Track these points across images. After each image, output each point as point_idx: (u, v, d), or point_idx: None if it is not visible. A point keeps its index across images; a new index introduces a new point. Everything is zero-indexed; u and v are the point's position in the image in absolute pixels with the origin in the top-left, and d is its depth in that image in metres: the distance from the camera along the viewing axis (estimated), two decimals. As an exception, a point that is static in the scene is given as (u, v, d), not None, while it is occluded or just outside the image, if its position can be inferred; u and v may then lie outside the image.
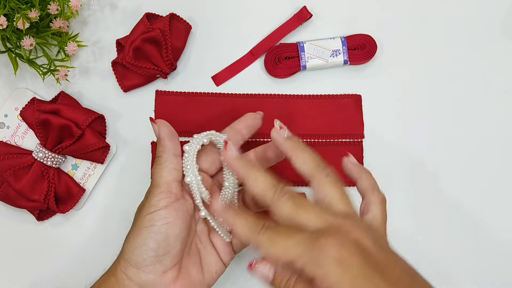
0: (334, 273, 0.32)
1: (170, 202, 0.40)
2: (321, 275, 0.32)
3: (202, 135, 0.43)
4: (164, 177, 0.41)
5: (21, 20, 0.46)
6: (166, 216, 0.40)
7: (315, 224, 0.35)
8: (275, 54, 0.53)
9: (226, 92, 0.54)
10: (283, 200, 0.37)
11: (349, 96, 0.54)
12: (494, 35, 0.56)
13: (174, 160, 0.42)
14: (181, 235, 0.40)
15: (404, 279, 0.34)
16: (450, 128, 0.54)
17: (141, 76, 0.53)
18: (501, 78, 0.55)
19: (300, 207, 0.36)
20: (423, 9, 0.56)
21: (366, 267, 0.32)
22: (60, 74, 0.49)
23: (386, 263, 0.34)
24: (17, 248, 0.52)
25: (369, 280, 0.32)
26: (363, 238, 0.34)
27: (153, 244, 0.39)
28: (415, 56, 0.55)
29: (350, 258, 0.32)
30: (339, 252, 0.32)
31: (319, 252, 0.33)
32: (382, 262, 0.33)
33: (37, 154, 0.50)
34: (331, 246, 0.33)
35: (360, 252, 0.33)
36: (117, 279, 0.40)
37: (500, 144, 0.54)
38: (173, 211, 0.40)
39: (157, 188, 0.40)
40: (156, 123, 0.42)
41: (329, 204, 0.37)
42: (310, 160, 0.39)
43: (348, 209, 0.37)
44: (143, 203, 0.41)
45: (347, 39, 0.54)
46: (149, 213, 0.40)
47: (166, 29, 0.51)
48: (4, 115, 0.52)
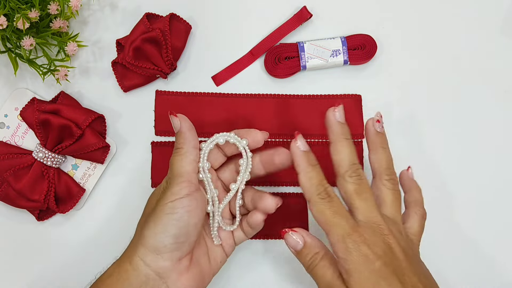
0: (356, 262, 0.37)
1: (191, 191, 0.41)
2: (344, 259, 0.38)
3: (219, 136, 0.44)
4: (185, 167, 0.42)
5: (21, 20, 0.46)
6: (188, 204, 0.41)
7: (363, 215, 0.39)
8: (275, 54, 0.53)
9: (226, 92, 0.54)
10: (354, 179, 0.40)
11: (349, 96, 0.54)
12: (494, 35, 0.56)
13: (194, 152, 0.43)
14: (198, 224, 0.42)
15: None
16: (450, 128, 0.54)
17: (141, 76, 0.53)
18: (501, 78, 0.55)
19: (362, 194, 0.40)
20: (423, 9, 0.56)
21: (386, 268, 0.37)
22: (60, 74, 0.49)
23: (407, 270, 0.38)
24: (17, 248, 0.52)
25: (384, 279, 0.37)
26: (395, 243, 0.39)
27: (175, 230, 0.40)
28: (415, 56, 0.55)
29: (375, 256, 0.37)
30: (369, 248, 0.38)
31: (353, 241, 0.38)
32: (403, 268, 0.38)
33: (37, 154, 0.50)
34: (364, 241, 0.38)
35: (386, 255, 0.38)
36: (133, 266, 0.40)
37: (500, 144, 0.54)
38: (194, 200, 0.41)
39: (179, 177, 0.41)
40: (177, 117, 0.44)
41: (382, 203, 0.42)
42: (385, 160, 0.44)
43: (395, 215, 0.42)
44: (162, 191, 0.42)
45: (347, 39, 0.54)
46: (171, 200, 0.40)
47: (166, 29, 0.51)
48: (4, 115, 0.52)
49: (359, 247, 0.38)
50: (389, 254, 0.38)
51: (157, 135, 0.53)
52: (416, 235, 0.43)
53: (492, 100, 0.55)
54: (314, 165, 0.41)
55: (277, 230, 0.52)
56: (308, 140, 0.53)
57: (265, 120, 0.54)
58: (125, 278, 0.40)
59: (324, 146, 0.53)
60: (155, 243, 0.40)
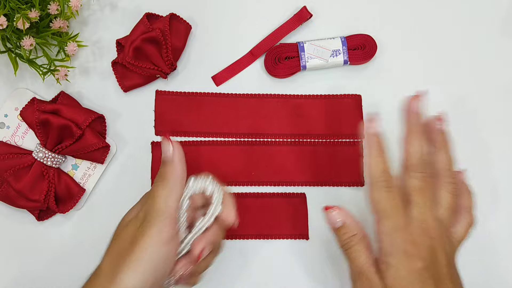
0: (399, 258, 0.38)
1: (173, 234, 0.39)
2: (388, 252, 0.38)
3: (199, 183, 0.42)
4: (170, 205, 0.40)
5: (21, 20, 0.46)
6: (169, 251, 0.39)
7: (419, 212, 0.40)
8: (275, 54, 0.53)
9: (226, 92, 0.54)
10: (420, 175, 0.41)
11: (349, 96, 0.54)
12: (494, 35, 0.56)
13: (181, 188, 0.41)
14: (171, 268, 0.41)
15: None
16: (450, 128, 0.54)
17: (141, 76, 0.53)
18: (501, 77, 0.55)
19: (425, 192, 0.41)
20: (423, 9, 0.56)
21: (425, 271, 0.38)
22: (60, 74, 0.49)
23: (445, 276, 0.39)
24: (17, 248, 0.52)
25: (421, 281, 0.38)
26: (440, 248, 0.39)
27: (153, 279, 0.38)
28: (415, 56, 0.55)
29: (419, 258, 0.38)
30: (415, 248, 0.38)
31: (401, 238, 0.39)
32: (442, 274, 0.39)
33: (37, 154, 0.50)
34: (412, 241, 0.38)
35: (429, 258, 0.38)
36: None
37: (500, 143, 0.54)
38: (174, 245, 0.40)
39: (162, 215, 0.39)
40: (172, 144, 0.41)
41: (437, 204, 0.41)
42: (448, 161, 0.43)
43: (447, 219, 0.41)
44: (139, 227, 0.39)
45: (347, 39, 0.54)
46: (152, 246, 0.38)
47: (166, 29, 0.51)
48: (4, 115, 0.52)
49: (405, 245, 0.38)
50: (432, 258, 0.39)
51: (157, 135, 0.53)
52: (459, 241, 0.43)
53: (492, 100, 0.55)
54: (384, 151, 0.42)
55: (276, 231, 0.52)
56: (308, 140, 0.53)
57: (265, 120, 0.54)
58: None
59: (325, 146, 0.53)
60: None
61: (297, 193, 0.53)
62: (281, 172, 0.53)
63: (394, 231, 0.39)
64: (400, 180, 0.42)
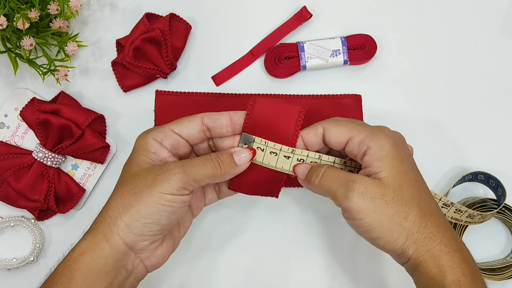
0: (386, 143, 0.40)
1: (190, 193, 0.41)
2: (377, 145, 0.40)
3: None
4: (203, 178, 0.41)
5: (21, 20, 0.46)
6: (186, 201, 0.40)
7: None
8: (275, 54, 0.53)
9: (226, 92, 0.54)
10: None
11: (349, 96, 0.54)
12: (494, 35, 0.56)
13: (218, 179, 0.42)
14: (185, 213, 0.43)
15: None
16: (450, 127, 0.54)
17: (141, 76, 0.53)
18: (501, 77, 0.55)
19: None
20: (423, 9, 0.56)
21: (404, 153, 0.41)
22: (60, 74, 0.49)
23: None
24: (17, 248, 0.52)
25: (402, 153, 0.41)
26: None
27: (165, 221, 0.40)
28: (415, 56, 0.55)
29: (398, 140, 0.42)
30: (392, 133, 0.42)
31: (380, 131, 0.41)
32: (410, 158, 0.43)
33: (37, 154, 0.50)
34: (388, 131, 0.42)
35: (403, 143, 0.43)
36: (111, 244, 0.39)
37: (500, 143, 0.54)
38: (190, 199, 0.41)
39: (193, 183, 0.40)
40: (252, 156, 0.43)
41: None
42: None
43: None
44: (160, 177, 0.39)
45: (347, 39, 0.54)
46: (171, 194, 0.39)
47: (166, 29, 0.51)
48: (4, 115, 0.52)
49: (385, 136, 0.41)
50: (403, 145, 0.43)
51: (157, 135, 0.53)
52: None
53: (492, 101, 0.55)
54: None
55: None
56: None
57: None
58: (101, 256, 0.39)
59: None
60: (142, 228, 0.39)
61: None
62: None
63: (371, 131, 0.41)
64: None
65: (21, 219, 0.51)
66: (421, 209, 0.39)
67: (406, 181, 0.40)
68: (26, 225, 0.51)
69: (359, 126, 0.42)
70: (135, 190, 0.40)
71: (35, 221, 0.51)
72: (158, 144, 0.42)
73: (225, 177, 0.42)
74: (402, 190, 0.39)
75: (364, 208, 0.39)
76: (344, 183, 0.40)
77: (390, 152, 0.40)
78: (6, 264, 0.51)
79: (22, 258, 0.51)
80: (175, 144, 0.42)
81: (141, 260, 0.41)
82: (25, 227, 0.51)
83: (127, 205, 0.39)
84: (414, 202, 0.39)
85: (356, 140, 0.41)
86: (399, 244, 0.39)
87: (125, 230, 0.39)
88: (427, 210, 0.40)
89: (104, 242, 0.39)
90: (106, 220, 0.40)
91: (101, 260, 0.39)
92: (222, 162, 0.41)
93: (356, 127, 0.42)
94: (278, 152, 0.43)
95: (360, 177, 0.40)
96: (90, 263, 0.39)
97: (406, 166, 0.41)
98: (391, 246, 0.39)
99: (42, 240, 0.51)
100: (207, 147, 0.45)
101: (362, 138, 0.41)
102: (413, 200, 0.39)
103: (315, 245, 0.53)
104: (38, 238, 0.51)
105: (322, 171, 0.42)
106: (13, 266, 0.51)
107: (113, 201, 0.40)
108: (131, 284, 0.41)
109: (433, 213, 0.40)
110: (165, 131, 0.42)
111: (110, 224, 0.39)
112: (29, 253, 0.51)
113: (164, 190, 0.39)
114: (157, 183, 0.39)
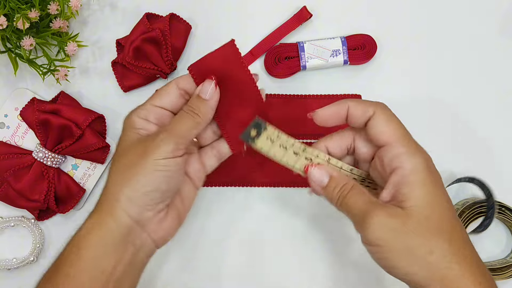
0: (420, 165, 0.37)
1: (183, 152, 0.41)
2: (411, 167, 0.37)
3: None
4: (192, 133, 0.41)
5: (21, 20, 0.46)
6: (181, 163, 0.40)
7: None
8: (275, 54, 0.53)
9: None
10: None
11: (349, 96, 0.54)
12: (493, 35, 0.56)
13: (204, 125, 0.42)
14: (183, 178, 0.43)
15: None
16: (451, 128, 0.54)
17: (141, 76, 0.53)
18: (501, 78, 0.55)
19: None
20: (422, 9, 0.56)
21: (436, 177, 0.38)
22: (60, 74, 0.49)
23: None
24: (17, 248, 0.52)
25: (434, 179, 0.38)
26: None
27: (165, 186, 0.40)
28: (415, 56, 0.55)
29: (431, 162, 0.39)
30: (426, 153, 0.39)
31: (418, 150, 0.38)
32: None
33: (37, 154, 0.50)
34: (424, 152, 0.39)
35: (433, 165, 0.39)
36: (115, 219, 0.39)
37: (500, 144, 0.54)
38: (185, 160, 0.41)
39: (181, 139, 0.40)
40: (215, 86, 0.42)
41: None
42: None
43: None
44: (154, 143, 0.40)
45: (347, 39, 0.54)
46: (165, 158, 0.39)
47: (166, 29, 0.51)
48: (4, 115, 0.52)
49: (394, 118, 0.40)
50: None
51: (157, 135, 0.53)
52: None
53: (492, 101, 0.55)
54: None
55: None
56: (308, 141, 0.53)
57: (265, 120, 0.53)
58: (107, 232, 0.39)
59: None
60: (143, 198, 0.39)
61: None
62: (280, 173, 0.53)
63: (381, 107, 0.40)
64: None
65: (21, 219, 0.51)
66: (452, 244, 0.36)
67: (436, 212, 0.37)
68: (26, 225, 0.51)
69: (402, 130, 0.39)
70: (130, 163, 0.40)
71: (35, 221, 0.51)
72: (143, 121, 0.42)
73: (207, 117, 0.42)
74: (429, 222, 0.36)
75: (382, 236, 0.36)
76: (365, 208, 0.37)
77: (423, 178, 0.37)
78: (6, 264, 0.51)
79: (22, 258, 0.51)
80: (160, 118, 0.43)
81: (148, 234, 0.41)
82: (25, 227, 0.51)
83: (125, 179, 0.40)
84: (445, 235, 0.36)
85: (391, 151, 0.38)
86: (421, 278, 0.36)
87: (127, 203, 0.39)
88: (461, 245, 0.36)
89: (109, 217, 0.39)
90: (108, 197, 0.40)
91: (107, 236, 0.39)
92: (194, 108, 0.41)
93: (400, 131, 0.39)
94: (288, 148, 0.42)
95: (382, 206, 0.37)
96: (97, 240, 0.39)
97: (437, 194, 0.37)
98: (411, 278, 0.36)
99: (42, 240, 0.51)
100: None
101: (400, 152, 0.38)
102: (443, 233, 0.36)
103: (315, 245, 0.53)
104: (38, 238, 0.51)
105: (348, 189, 0.39)
106: (13, 266, 0.51)
107: (111, 177, 0.41)
108: (141, 260, 0.41)
109: (467, 247, 0.37)
110: (147, 107, 0.42)
111: (112, 200, 0.40)
112: (29, 253, 0.51)
113: (158, 156, 0.39)
114: (149, 152, 0.39)
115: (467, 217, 0.51)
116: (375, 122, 0.39)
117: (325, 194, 0.41)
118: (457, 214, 0.51)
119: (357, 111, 0.40)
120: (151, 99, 0.43)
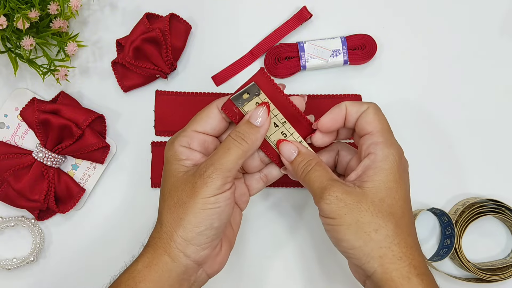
0: (392, 157, 0.40)
1: (232, 185, 0.41)
2: (382, 156, 0.40)
3: None
4: (237, 164, 0.40)
5: (21, 20, 0.46)
6: (230, 197, 0.40)
7: None
8: (275, 54, 0.53)
9: (226, 92, 0.54)
10: None
11: (349, 96, 0.54)
12: (494, 35, 0.56)
13: (251, 154, 0.41)
14: (233, 209, 0.42)
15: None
16: (451, 128, 0.54)
17: (141, 76, 0.53)
18: (501, 78, 0.55)
19: None
20: (422, 9, 0.56)
21: (403, 170, 0.41)
22: (60, 74, 0.49)
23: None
24: (17, 248, 0.52)
25: (400, 171, 0.40)
26: None
27: (217, 223, 0.40)
28: (415, 56, 0.55)
29: (403, 158, 0.41)
30: (401, 149, 0.41)
31: (393, 145, 0.41)
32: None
33: (37, 154, 0.50)
34: (399, 147, 0.41)
35: (405, 160, 0.42)
36: (173, 258, 0.39)
37: (500, 144, 0.54)
38: (233, 192, 0.41)
39: (227, 172, 0.40)
40: (268, 114, 0.42)
41: None
42: None
43: None
44: (202, 180, 0.39)
45: (347, 39, 0.54)
46: (214, 195, 0.39)
47: (166, 29, 0.51)
48: (4, 115, 0.52)
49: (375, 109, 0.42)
50: None
51: (157, 135, 0.53)
52: None
53: (492, 101, 0.55)
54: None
55: None
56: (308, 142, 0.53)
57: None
58: (165, 270, 0.39)
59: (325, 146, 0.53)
60: (198, 238, 0.39)
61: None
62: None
63: (358, 105, 0.42)
64: None
65: (21, 219, 0.51)
66: (398, 227, 0.38)
67: (391, 198, 0.39)
68: (26, 225, 0.51)
69: (386, 125, 0.42)
70: (180, 202, 0.40)
71: (35, 221, 0.51)
72: (187, 149, 0.41)
73: (255, 145, 0.41)
74: (382, 204, 0.39)
75: (336, 210, 0.39)
76: (325, 183, 0.40)
77: (390, 167, 0.40)
78: (6, 264, 0.51)
79: (22, 258, 0.51)
80: (203, 143, 0.42)
81: (204, 270, 0.41)
82: (25, 227, 0.51)
83: (177, 219, 0.40)
84: (392, 218, 0.38)
85: (371, 139, 0.41)
86: (362, 254, 0.38)
87: (183, 243, 0.39)
88: (405, 230, 0.39)
89: (166, 256, 0.40)
90: (162, 236, 0.40)
91: (165, 274, 0.39)
92: (243, 134, 0.41)
93: (383, 125, 0.42)
94: (272, 118, 0.43)
95: (341, 183, 0.40)
96: (154, 276, 0.39)
97: (398, 183, 0.40)
98: (353, 252, 0.38)
99: (42, 240, 0.51)
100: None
101: (378, 141, 0.40)
102: (392, 216, 0.39)
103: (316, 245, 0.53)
104: (38, 238, 0.51)
105: (313, 164, 0.41)
106: (13, 266, 0.51)
107: (163, 216, 0.41)
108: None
109: (410, 234, 0.39)
110: (189, 134, 0.42)
111: (167, 239, 0.40)
112: (29, 253, 0.51)
113: (206, 195, 0.39)
114: (197, 190, 0.39)
115: (467, 217, 0.51)
116: (365, 114, 0.42)
117: (291, 167, 0.43)
118: (457, 214, 0.52)
119: (353, 108, 0.42)
120: (192, 124, 0.42)
